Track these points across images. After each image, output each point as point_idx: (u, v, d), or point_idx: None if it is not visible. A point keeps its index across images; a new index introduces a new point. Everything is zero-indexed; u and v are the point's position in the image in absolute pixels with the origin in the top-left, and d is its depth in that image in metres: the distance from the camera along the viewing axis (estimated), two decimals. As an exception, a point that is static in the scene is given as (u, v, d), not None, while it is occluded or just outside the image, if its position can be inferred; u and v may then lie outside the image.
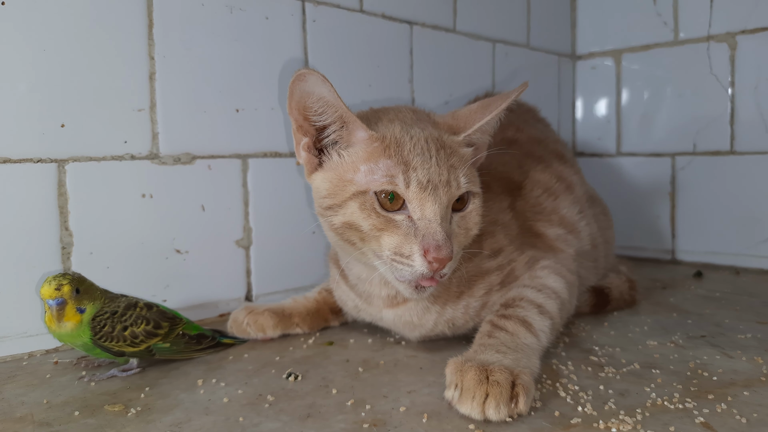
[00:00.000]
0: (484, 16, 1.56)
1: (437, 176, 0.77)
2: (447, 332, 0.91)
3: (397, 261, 0.76)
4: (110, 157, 0.98)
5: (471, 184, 0.81)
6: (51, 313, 0.78)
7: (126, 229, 1.00)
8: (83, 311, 0.81)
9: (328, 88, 0.77)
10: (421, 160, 0.77)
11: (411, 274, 0.75)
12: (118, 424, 0.68)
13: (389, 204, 0.77)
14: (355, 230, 0.79)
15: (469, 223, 0.82)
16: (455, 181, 0.78)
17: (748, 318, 1.07)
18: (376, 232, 0.77)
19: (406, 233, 0.76)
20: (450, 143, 0.82)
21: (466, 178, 0.80)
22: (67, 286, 0.79)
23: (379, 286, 0.89)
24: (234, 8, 1.11)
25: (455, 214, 0.80)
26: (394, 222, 0.76)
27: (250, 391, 0.77)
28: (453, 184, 0.78)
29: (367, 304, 0.93)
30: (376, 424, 0.67)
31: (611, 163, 1.77)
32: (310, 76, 0.76)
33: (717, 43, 1.54)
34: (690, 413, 0.68)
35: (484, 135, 0.88)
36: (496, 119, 0.86)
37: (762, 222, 1.49)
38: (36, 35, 0.90)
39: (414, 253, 0.75)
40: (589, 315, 1.10)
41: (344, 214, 0.79)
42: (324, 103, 0.79)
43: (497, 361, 0.72)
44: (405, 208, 0.77)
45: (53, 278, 0.79)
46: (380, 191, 0.77)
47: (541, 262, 0.94)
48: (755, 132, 1.49)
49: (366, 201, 0.77)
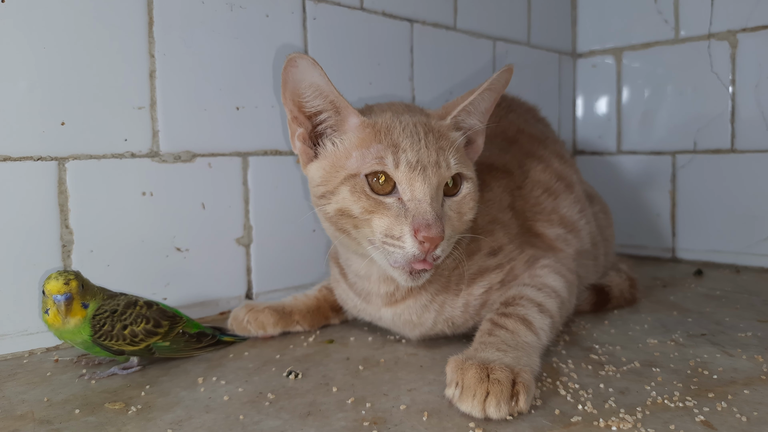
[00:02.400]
0: (484, 14, 1.56)
1: (426, 157, 0.77)
2: (447, 331, 0.91)
3: (388, 243, 0.76)
4: (110, 155, 0.98)
5: (461, 166, 0.81)
6: (58, 308, 0.78)
7: (126, 227, 1.00)
8: (87, 306, 0.81)
9: (319, 73, 0.79)
10: (410, 142, 0.79)
11: (403, 257, 0.76)
12: (119, 422, 0.68)
13: (379, 186, 0.78)
14: (347, 217, 0.79)
15: (463, 208, 0.82)
16: (444, 162, 0.79)
17: (749, 316, 1.07)
18: (366, 215, 0.77)
19: (396, 215, 0.76)
20: (438, 127, 0.83)
21: (455, 159, 0.80)
22: (74, 281, 0.79)
23: (378, 283, 0.89)
24: (234, 6, 1.10)
25: (448, 199, 0.80)
26: (384, 204, 0.77)
27: (251, 389, 0.77)
28: (442, 165, 0.78)
29: (366, 303, 0.93)
30: (377, 422, 0.67)
31: (612, 161, 1.77)
32: (301, 61, 0.78)
33: (718, 41, 1.54)
34: (690, 411, 0.68)
35: (471, 117, 0.87)
36: (479, 100, 0.85)
37: (762, 220, 1.49)
38: (36, 33, 0.90)
39: (405, 234, 0.75)
40: (590, 313, 1.10)
41: (336, 201, 0.80)
42: (316, 88, 0.81)
43: (498, 359, 0.72)
44: (395, 191, 0.78)
45: (59, 274, 0.79)
46: (370, 173, 0.78)
47: (541, 261, 0.94)
48: (756, 130, 1.49)
49: (357, 184, 0.78)
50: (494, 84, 0.84)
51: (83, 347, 0.83)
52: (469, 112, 0.87)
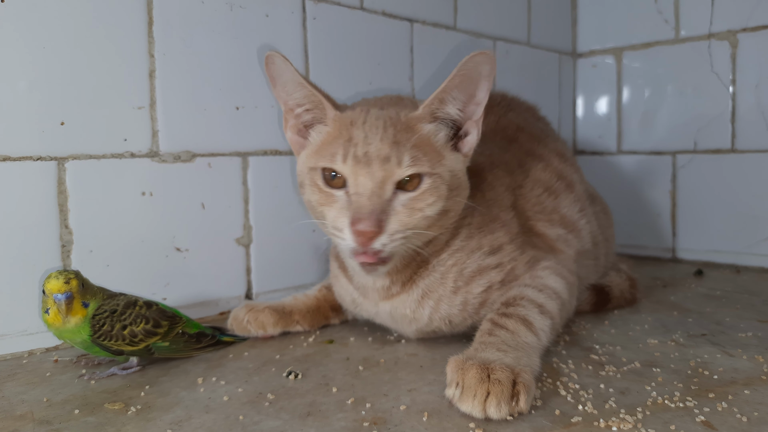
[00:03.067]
0: (484, 13, 1.56)
1: (376, 151, 0.78)
2: (444, 329, 0.91)
3: (334, 235, 0.80)
4: (110, 155, 0.98)
5: (418, 164, 0.78)
6: (58, 307, 0.78)
7: (126, 227, 1.00)
8: (87, 305, 0.81)
9: (291, 69, 0.83)
10: (364, 136, 0.80)
11: (346, 249, 0.79)
12: (118, 422, 0.68)
13: (332, 181, 0.81)
14: (311, 208, 0.84)
15: (419, 204, 0.79)
16: (396, 158, 0.78)
17: (749, 316, 1.07)
18: (320, 207, 0.81)
19: (341, 207, 0.79)
20: (406, 121, 0.82)
21: (411, 157, 0.78)
22: (74, 280, 0.79)
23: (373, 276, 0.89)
24: (234, 6, 1.10)
25: (403, 194, 0.79)
26: (334, 197, 0.80)
27: (251, 389, 0.77)
28: (392, 160, 0.77)
29: (363, 298, 0.93)
30: (377, 422, 0.67)
31: (612, 161, 1.77)
32: (276, 58, 0.83)
33: (718, 41, 1.54)
34: (691, 412, 0.68)
35: (449, 106, 0.83)
36: (452, 86, 0.82)
37: (763, 220, 1.49)
38: (36, 33, 0.90)
39: (345, 227, 0.77)
40: (590, 313, 1.10)
41: (304, 191, 0.85)
42: (295, 83, 0.84)
43: (498, 359, 0.71)
44: (347, 185, 0.79)
45: (59, 273, 0.79)
46: (324, 167, 0.81)
47: (542, 262, 0.94)
48: (756, 130, 1.49)
49: (315, 177, 0.82)
50: (466, 68, 0.81)
51: (82, 347, 0.82)
52: (443, 101, 0.83)
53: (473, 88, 0.84)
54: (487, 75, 0.83)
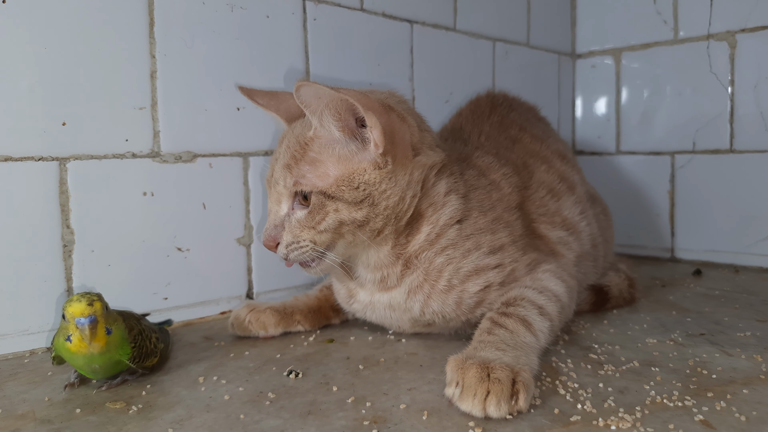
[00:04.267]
0: (484, 14, 1.56)
1: (277, 172, 0.86)
2: (437, 321, 0.91)
3: None
4: (111, 155, 0.98)
5: (300, 184, 0.82)
6: (81, 332, 0.70)
7: (127, 227, 1.00)
8: (111, 332, 0.73)
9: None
10: (275, 159, 0.88)
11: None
12: (120, 421, 0.68)
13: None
14: None
15: (310, 221, 0.82)
16: (282, 180, 0.84)
17: (748, 316, 1.07)
18: None
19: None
20: (303, 141, 0.85)
21: (295, 178, 0.82)
22: (98, 302, 0.71)
23: (364, 269, 0.91)
24: (235, 7, 1.11)
25: (302, 210, 0.83)
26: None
27: (251, 388, 0.77)
28: (280, 182, 0.85)
29: (360, 287, 0.94)
30: (377, 421, 0.67)
31: (611, 162, 1.77)
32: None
33: (717, 41, 1.54)
34: (689, 411, 0.68)
35: (328, 122, 0.81)
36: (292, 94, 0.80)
37: (761, 220, 1.49)
38: (37, 33, 0.90)
39: None
40: (589, 313, 1.10)
41: None
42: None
43: (497, 358, 0.72)
44: None
45: (81, 295, 0.71)
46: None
47: (543, 265, 0.94)
48: (755, 131, 1.49)
49: None
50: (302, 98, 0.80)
51: (102, 373, 0.76)
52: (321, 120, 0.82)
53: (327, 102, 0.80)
54: (302, 99, 0.80)
